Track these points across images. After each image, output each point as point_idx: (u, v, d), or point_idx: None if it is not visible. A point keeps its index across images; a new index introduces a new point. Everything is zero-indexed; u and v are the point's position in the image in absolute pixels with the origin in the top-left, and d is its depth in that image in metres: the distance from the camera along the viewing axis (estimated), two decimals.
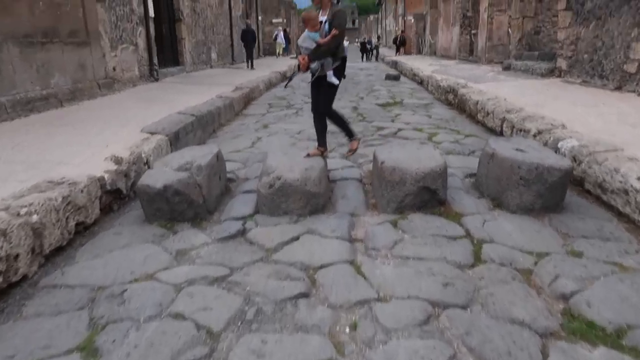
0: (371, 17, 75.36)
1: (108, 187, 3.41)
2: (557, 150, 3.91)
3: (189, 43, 12.23)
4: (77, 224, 2.97)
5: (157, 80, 9.71)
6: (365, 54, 26.98)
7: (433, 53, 20.74)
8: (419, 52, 24.33)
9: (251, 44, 14.95)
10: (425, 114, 7.08)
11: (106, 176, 3.41)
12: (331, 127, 4.15)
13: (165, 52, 11.31)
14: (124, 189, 3.63)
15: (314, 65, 3.62)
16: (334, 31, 3.53)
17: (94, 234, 3.02)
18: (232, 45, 16.78)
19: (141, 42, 9.27)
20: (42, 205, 2.64)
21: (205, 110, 6.20)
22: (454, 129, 5.91)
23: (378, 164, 3.37)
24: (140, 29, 9.26)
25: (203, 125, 5.90)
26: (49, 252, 2.66)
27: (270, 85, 11.18)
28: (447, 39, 17.81)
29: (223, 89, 8.61)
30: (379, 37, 42.09)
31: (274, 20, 25.54)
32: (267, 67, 15.13)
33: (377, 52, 27.17)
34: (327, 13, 3.59)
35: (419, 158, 3.36)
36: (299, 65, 3.73)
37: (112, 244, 2.84)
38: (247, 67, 14.62)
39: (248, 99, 8.72)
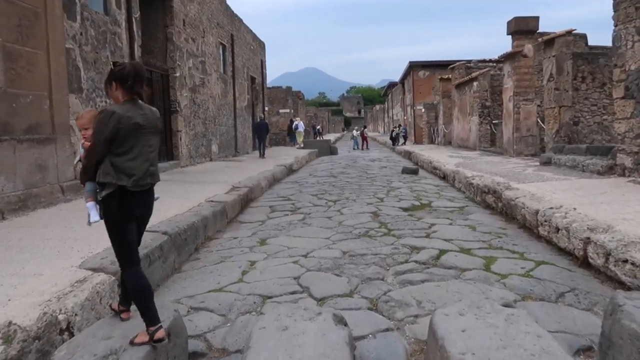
0: (377, 106, 77.14)
1: None
2: None
3: (185, 136, 11.20)
4: None
5: None
6: (397, 141, 26.35)
7: (448, 143, 19.80)
8: (432, 141, 23.51)
9: (264, 135, 15.79)
10: (465, 223, 5.61)
11: None
12: (381, 248, 2.65)
13: (159, 145, 10.21)
14: None
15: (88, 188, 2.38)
16: (86, 143, 2.35)
17: None
18: (235, 136, 15.89)
19: None
20: None
21: (185, 224, 4.79)
22: (513, 249, 4.40)
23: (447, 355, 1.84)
24: None
25: (180, 246, 4.45)
26: None
27: (274, 181, 9.91)
28: (465, 128, 16.87)
29: (217, 190, 7.29)
30: (365, 126, 41.88)
31: (281, 111, 25.19)
32: (272, 159, 14.07)
33: (405, 139, 26.32)
34: None
35: (514, 347, 1.84)
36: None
37: None
38: (260, 156, 15.21)
39: (246, 200, 7.36)
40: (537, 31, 11.10)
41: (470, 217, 5.95)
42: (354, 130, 30.14)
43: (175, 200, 6.26)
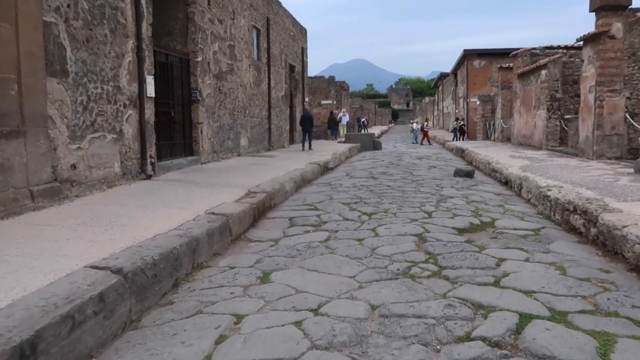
0: (426, 99, 74.37)
1: None
2: None
3: (208, 128, 10.01)
4: None
5: (149, 177, 7.30)
6: (456, 136, 24.73)
7: (506, 139, 17.76)
8: (487, 137, 21.43)
9: (309, 128, 16.03)
10: (547, 259, 4.02)
11: None
12: (428, 305, 1.12)
13: (176, 139, 9.08)
14: None
15: None
16: None
17: None
18: (269, 128, 14.64)
19: (129, 129, 6.99)
20: None
21: (159, 252, 3.50)
22: (636, 317, 2.83)
23: None
24: (130, 113, 7.02)
25: (143, 288, 3.16)
26: None
27: (302, 183, 8.54)
28: (528, 124, 14.85)
29: (227, 196, 6.01)
30: (427, 119, 39.82)
31: (323, 102, 23.77)
32: (307, 154, 12.72)
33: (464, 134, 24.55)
34: None
35: None
36: None
37: None
38: (303, 149, 15.42)
39: (262, 209, 6.04)
40: (630, 7, 9.10)
41: (552, 249, 4.35)
42: (414, 123, 28.76)
43: (168, 211, 5.01)
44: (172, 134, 8.94)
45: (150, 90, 7.48)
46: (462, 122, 24.93)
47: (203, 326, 2.85)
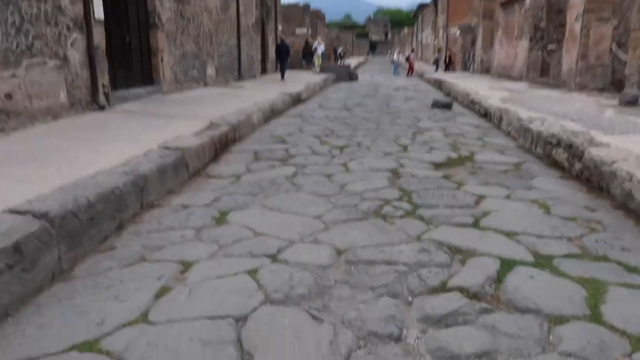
0: (405, 30, 72.31)
1: None
2: None
3: (169, 56, 9.21)
4: None
5: (102, 108, 6.66)
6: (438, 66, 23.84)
7: (485, 71, 17.26)
8: (465, 68, 20.85)
9: (285, 57, 15.81)
10: (530, 195, 3.74)
11: None
12: (401, 250, 0.74)
13: (134, 67, 8.32)
14: None
15: None
16: None
17: None
18: (239, 57, 13.75)
19: (76, 54, 6.25)
20: None
21: (97, 192, 3.05)
22: (627, 261, 2.56)
23: None
24: (76, 37, 6.24)
25: (76, 234, 2.74)
26: None
27: (272, 114, 8.01)
28: (509, 55, 14.31)
29: (186, 127, 5.49)
30: (412, 49, 38.76)
31: (297, 31, 22.57)
32: (278, 84, 12.04)
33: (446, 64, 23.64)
34: None
35: None
36: None
37: None
38: (283, 79, 15.06)
39: (226, 142, 5.56)
40: None
41: (535, 185, 4.06)
42: (395, 53, 27.89)
43: (117, 145, 4.50)
44: (129, 63, 8.17)
45: (99, 11, 6.66)
46: (448, 52, 24.06)
47: (144, 276, 2.48)
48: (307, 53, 21.11)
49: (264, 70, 17.45)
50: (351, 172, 4.46)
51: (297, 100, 10.20)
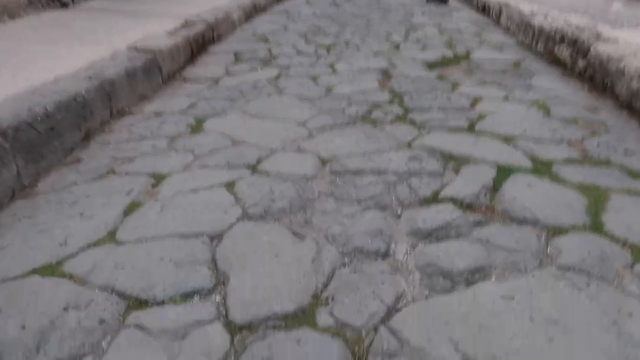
0: None
1: None
2: None
3: None
4: None
5: (65, 6, 6.04)
6: None
7: None
8: None
9: None
10: (529, 96, 3.49)
11: None
12: (390, 157, 0.60)
13: None
14: None
15: None
16: None
17: None
18: None
19: None
20: None
21: (58, 98, 2.75)
22: (630, 165, 2.40)
23: None
24: None
25: (32, 147, 2.49)
26: None
27: (255, 11, 7.39)
28: None
29: (158, 26, 5.01)
30: None
31: None
32: None
33: None
34: None
35: None
36: None
37: None
38: None
39: (203, 42, 5.12)
40: None
41: (534, 84, 3.79)
42: None
43: (80, 48, 4.08)
44: None
45: None
46: None
47: (112, 191, 2.28)
48: None
49: None
50: (338, 73, 4.13)
51: None
